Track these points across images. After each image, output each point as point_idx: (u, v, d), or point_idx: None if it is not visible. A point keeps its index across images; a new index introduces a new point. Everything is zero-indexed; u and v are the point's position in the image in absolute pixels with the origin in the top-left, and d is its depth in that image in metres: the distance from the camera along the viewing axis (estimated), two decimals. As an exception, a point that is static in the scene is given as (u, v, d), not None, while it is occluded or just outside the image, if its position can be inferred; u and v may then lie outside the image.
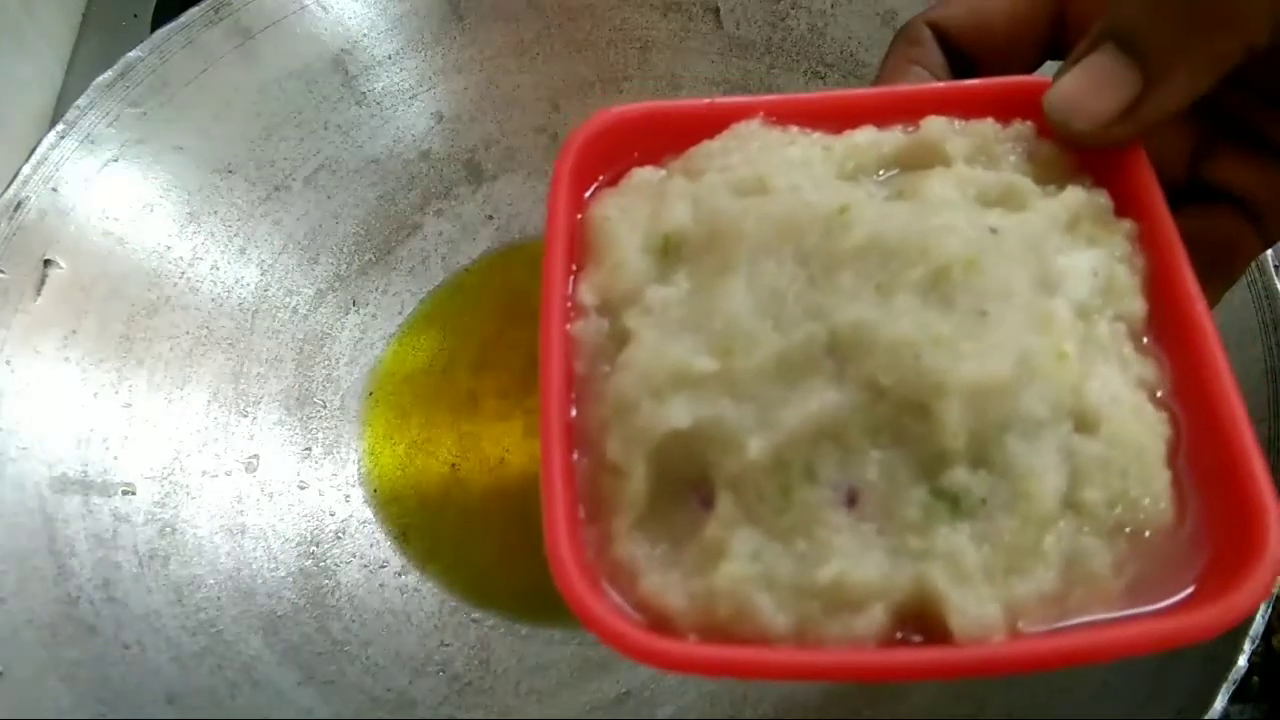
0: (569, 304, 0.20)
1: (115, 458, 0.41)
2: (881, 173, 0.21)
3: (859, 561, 0.17)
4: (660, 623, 0.18)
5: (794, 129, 0.22)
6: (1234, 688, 0.30)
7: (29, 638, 0.35)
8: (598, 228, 0.21)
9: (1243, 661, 0.30)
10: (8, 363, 0.39)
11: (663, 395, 0.18)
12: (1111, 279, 0.19)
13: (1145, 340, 0.20)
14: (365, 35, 0.48)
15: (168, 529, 0.41)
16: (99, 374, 0.41)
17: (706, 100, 0.23)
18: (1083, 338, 0.18)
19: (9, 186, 0.40)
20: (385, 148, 0.49)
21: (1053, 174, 0.21)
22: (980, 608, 0.17)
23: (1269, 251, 0.35)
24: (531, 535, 0.48)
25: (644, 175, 0.22)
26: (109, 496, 0.40)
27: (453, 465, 0.45)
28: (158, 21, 0.58)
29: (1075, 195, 0.20)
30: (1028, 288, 0.18)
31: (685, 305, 0.19)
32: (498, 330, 0.48)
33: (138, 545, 0.40)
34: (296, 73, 0.47)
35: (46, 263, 0.41)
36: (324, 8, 0.47)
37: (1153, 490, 0.18)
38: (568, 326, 0.20)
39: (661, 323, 0.19)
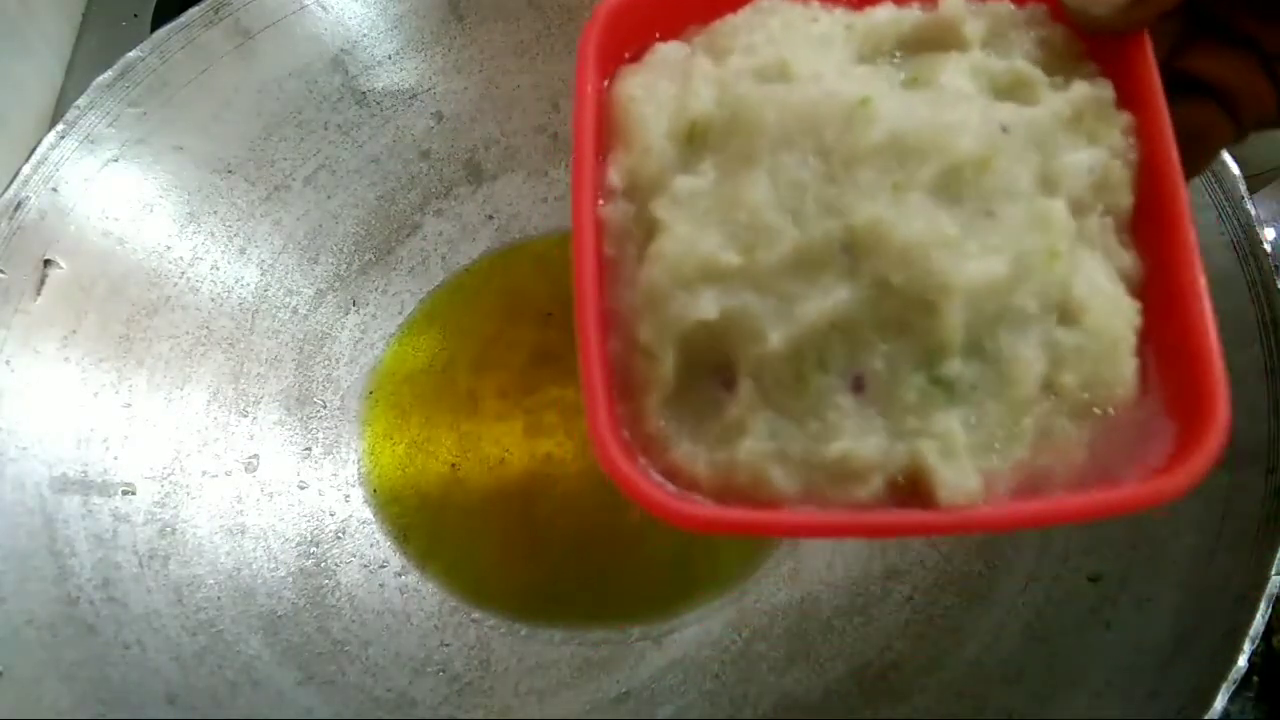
0: (597, 187, 0.21)
1: (115, 458, 0.41)
2: (898, 55, 0.22)
3: (862, 440, 0.19)
4: (685, 489, 0.19)
5: (815, 3, 0.22)
6: (1234, 688, 0.30)
7: (29, 638, 0.35)
8: (624, 109, 0.21)
9: (1243, 661, 0.30)
10: (8, 363, 0.39)
11: (692, 287, 0.19)
12: (1106, 176, 0.21)
13: (1129, 232, 0.21)
14: (365, 35, 0.48)
15: (168, 529, 0.41)
16: (99, 374, 0.41)
17: None
18: (1075, 235, 0.20)
19: (9, 186, 0.40)
20: (385, 148, 0.49)
21: (1062, 61, 0.22)
22: (964, 480, 0.18)
23: (1269, 251, 0.35)
24: (531, 535, 0.48)
25: (668, 51, 0.22)
26: (109, 496, 0.40)
27: (453, 465, 0.45)
28: (158, 21, 0.58)
29: (1081, 90, 0.21)
30: (1031, 187, 0.19)
31: (711, 196, 0.20)
32: (498, 330, 0.48)
33: (138, 545, 0.40)
34: (296, 73, 0.47)
35: (46, 263, 0.41)
36: (324, 8, 0.47)
37: (1122, 375, 0.20)
38: (597, 209, 0.20)
39: (690, 214, 0.19)
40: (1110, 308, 0.20)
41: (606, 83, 0.22)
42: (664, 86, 0.21)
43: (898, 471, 0.19)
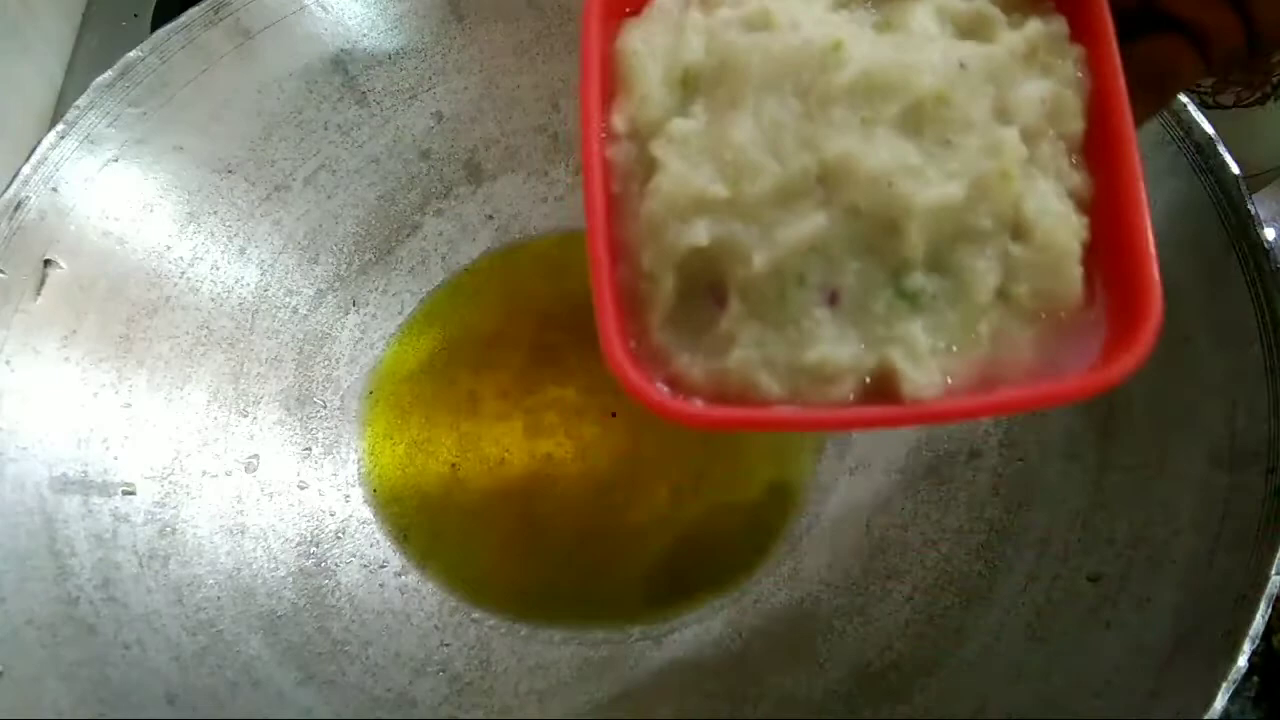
0: (604, 131, 0.23)
1: (115, 458, 0.41)
2: (870, 1, 0.24)
3: (837, 346, 0.21)
4: (684, 393, 0.22)
5: None
6: (1234, 688, 0.30)
7: (29, 638, 0.35)
8: (626, 61, 0.23)
9: (1243, 661, 0.30)
10: (8, 363, 0.39)
11: (686, 218, 0.21)
12: (1058, 104, 0.22)
13: (1080, 154, 0.23)
14: (365, 35, 0.48)
15: (168, 529, 0.41)
16: (99, 374, 0.41)
17: None
18: (1027, 159, 0.22)
19: (9, 186, 0.40)
20: (385, 148, 0.49)
21: (1020, 0, 0.24)
22: (926, 378, 0.21)
23: (1269, 251, 0.35)
24: (531, 535, 0.48)
25: (665, 4, 0.24)
26: (109, 496, 0.40)
27: (453, 465, 0.45)
28: (158, 21, 0.58)
29: (1035, 27, 0.23)
30: (986, 118, 0.22)
31: (702, 137, 0.22)
32: (498, 330, 0.48)
33: (138, 545, 0.40)
34: (296, 73, 0.47)
35: (46, 263, 0.41)
36: (324, 8, 0.47)
37: (1069, 284, 0.22)
38: (604, 151, 0.23)
39: (683, 153, 0.22)
40: (1059, 224, 0.22)
41: (610, 35, 0.24)
42: (661, 38, 0.23)
43: (868, 373, 0.21)
